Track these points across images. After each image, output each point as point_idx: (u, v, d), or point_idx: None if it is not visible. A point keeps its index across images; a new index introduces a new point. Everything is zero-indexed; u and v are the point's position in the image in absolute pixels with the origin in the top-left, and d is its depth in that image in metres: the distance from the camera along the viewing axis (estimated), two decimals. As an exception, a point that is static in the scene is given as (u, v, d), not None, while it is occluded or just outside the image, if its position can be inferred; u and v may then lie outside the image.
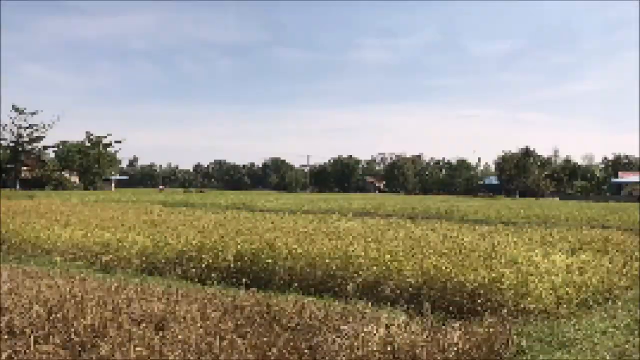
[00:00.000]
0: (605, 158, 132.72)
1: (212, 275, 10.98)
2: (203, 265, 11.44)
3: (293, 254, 11.21)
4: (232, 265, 11.37)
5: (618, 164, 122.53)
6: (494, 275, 9.27)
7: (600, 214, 31.48)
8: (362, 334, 6.18)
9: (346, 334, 6.31)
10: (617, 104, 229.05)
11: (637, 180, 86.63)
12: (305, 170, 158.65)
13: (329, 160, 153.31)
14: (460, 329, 6.92)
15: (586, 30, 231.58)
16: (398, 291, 9.40)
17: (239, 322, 6.84)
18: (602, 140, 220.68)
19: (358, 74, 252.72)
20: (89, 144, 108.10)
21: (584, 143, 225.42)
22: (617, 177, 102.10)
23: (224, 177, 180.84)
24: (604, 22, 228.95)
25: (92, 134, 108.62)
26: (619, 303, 9.22)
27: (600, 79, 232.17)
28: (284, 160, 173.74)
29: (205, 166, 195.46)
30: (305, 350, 5.90)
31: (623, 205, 50.55)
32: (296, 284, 10.21)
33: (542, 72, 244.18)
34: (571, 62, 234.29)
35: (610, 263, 12.12)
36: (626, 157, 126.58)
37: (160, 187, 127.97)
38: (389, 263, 10.25)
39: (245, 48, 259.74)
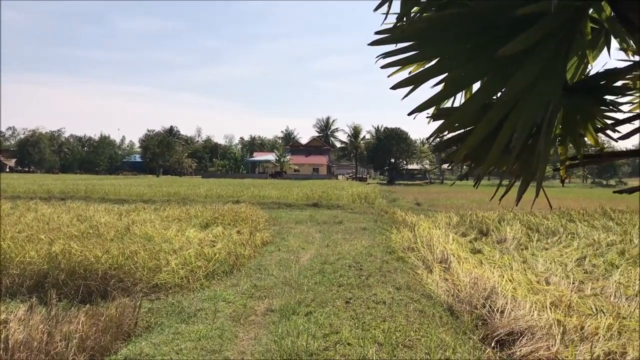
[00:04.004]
0: (243, 138, 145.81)
1: None
2: None
3: None
4: None
5: (253, 144, 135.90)
6: (127, 254, 9.15)
7: (236, 190, 34.25)
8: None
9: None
10: (255, 89, 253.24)
11: (269, 159, 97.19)
12: None
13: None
14: (86, 314, 6.60)
15: (229, 17, 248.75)
16: (19, 281, 8.47)
17: None
18: (241, 122, 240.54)
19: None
20: None
21: (225, 124, 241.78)
22: (252, 156, 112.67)
23: None
24: (242, 12, 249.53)
25: None
26: (243, 271, 10.13)
27: (241, 64, 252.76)
28: None
29: None
30: None
31: (256, 182, 56.38)
32: None
33: (188, 53, 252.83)
34: (215, 47, 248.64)
35: (238, 235, 13.25)
36: (260, 138, 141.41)
37: None
38: (8, 250, 9.13)
39: None
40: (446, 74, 2.06)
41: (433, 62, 2.13)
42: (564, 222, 17.94)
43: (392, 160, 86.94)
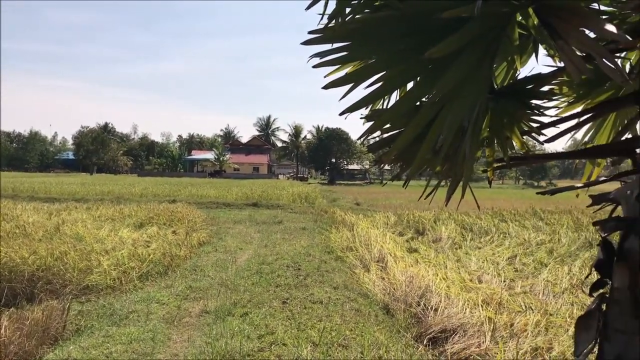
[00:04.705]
0: (181, 136, 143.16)
1: None
2: None
3: None
4: None
5: (192, 142, 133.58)
6: (56, 255, 8.79)
7: (173, 189, 33.56)
8: None
9: None
10: (193, 86, 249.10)
11: (208, 157, 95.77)
12: None
13: None
14: (10, 318, 6.29)
15: (168, 12, 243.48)
16: None
17: None
18: (178, 119, 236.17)
19: None
20: None
21: (162, 121, 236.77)
22: (190, 154, 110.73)
23: None
24: (182, 7, 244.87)
25: None
26: (178, 272, 9.91)
27: (180, 61, 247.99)
28: None
29: None
30: None
31: (195, 181, 55.48)
32: None
33: (123, 48, 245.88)
34: (153, 42, 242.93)
35: (174, 235, 12.97)
36: (199, 136, 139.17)
37: None
38: None
39: None
40: (379, 75, 2.06)
41: (366, 63, 2.13)
42: (497, 222, 18.54)
43: (333, 160, 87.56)
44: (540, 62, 2.61)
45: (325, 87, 2.01)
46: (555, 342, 6.07)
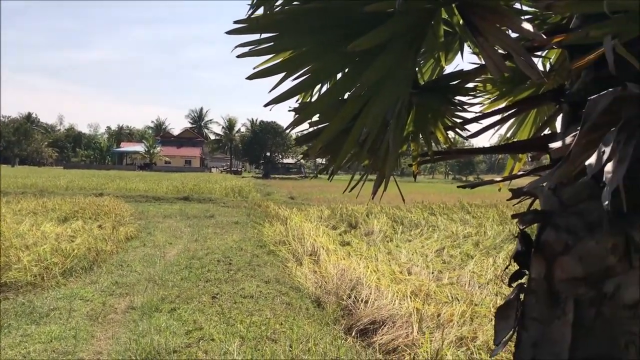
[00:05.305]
0: (109, 127, 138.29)
1: None
2: None
3: None
4: None
5: (121, 134, 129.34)
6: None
7: (100, 182, 32.47)
8: None
9: None
10: (123, 76, 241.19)
11: (138, 150, 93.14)
12: None
13: None
14: None
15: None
16: None
17: None
18: (106, 110, 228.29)
19: None
20: None
21: (90, 112, 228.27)
22: (119, 146, 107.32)
23: None
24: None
25: None
26: (104, 267, 9.58)
27: (107, 49, 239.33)
28: None
29: None
30: None
31: (124, 174, 53.83)
32: None
33: (46, 35, 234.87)
34: (77, 28, 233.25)
35: (100, 229, 12.54)
36: (128, 127, 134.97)
37: None
38: None
39: None
40: (307, 68, 2.04)
41: (293, 55, 2.10)
42: (426, 216, 19.01)
43: (268, 153, 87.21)
44: (466, 60, 2.67)
45: (249, 78, 1.97)
46: (480, 332, 6.28)
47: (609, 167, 1.43)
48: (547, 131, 3.08)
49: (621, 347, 1.93)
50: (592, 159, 1.47)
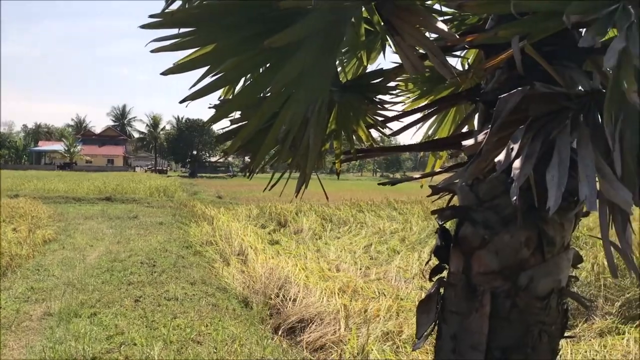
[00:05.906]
0: (26, 126, 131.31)
1: None
2: None
3: None
4: None
5: (39, 132, 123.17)
6: None
7: (15, 182, 30.83)
8: None
9: None
10: (38, 72, 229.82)
11: (57, 149, 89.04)
12: None
13: None
14: None
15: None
16: None
17: None
18: (22, 108, 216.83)
19: None
20: None
21: (4, 109, 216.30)
22: (37, 145, 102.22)
23: None
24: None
25: None
26: (19, 273, 9.08)
27: (19, 44, 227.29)
28: None
29: None
30: None
31: (41, 174, 51.21)
32: None
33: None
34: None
35: (14, 232, 11.90)
36: (47, 126, 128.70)
37: None
38: None
39: None
40: (225, 64, 1.99)
41: (210, 50, 2.04)
42: (354, 213, 19.24)
43: (194, 152, 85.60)
44: (388, 59, 2.71)
45: (164, 74, 1.90)
46: (405, 326, 6.41)
47: (517, 163, 1.48)
48: (465, 129, 3.18)
49: (534, 336, 2.02)
50: (501, 156, 1.52)
